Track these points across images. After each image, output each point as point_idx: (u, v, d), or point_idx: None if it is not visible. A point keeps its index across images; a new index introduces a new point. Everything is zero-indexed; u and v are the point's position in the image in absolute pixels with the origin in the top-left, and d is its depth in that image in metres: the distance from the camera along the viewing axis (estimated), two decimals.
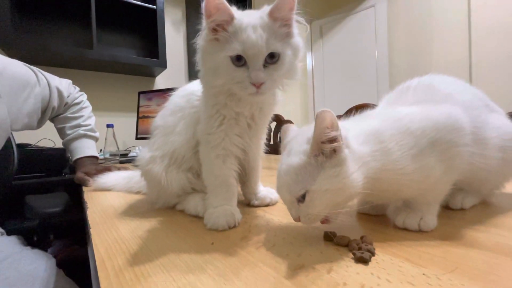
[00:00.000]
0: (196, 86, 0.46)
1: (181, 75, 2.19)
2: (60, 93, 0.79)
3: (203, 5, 0.32)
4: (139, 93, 1.74)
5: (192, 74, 2.17)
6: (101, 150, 1.38)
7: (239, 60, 0.32)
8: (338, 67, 2.89)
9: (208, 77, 0.36)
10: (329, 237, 0.30)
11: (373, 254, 0.26)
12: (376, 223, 0.35)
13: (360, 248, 0.27)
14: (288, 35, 0.35)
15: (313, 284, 0.22)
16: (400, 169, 0.29)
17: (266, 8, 0.33)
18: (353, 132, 0.30)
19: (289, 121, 1.64)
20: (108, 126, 1.31)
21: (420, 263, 0.24)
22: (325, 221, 0.29)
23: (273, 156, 1.47)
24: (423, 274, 0.22)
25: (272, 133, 1.78)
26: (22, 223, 0.87)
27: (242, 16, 0.33)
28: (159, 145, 0.44)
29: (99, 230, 0.38)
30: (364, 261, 0.25)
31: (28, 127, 0.71)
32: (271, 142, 1.78)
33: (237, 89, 0.34)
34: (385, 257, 0.26)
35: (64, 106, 0.83)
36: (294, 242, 0.30)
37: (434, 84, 0.37)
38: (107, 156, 1.31)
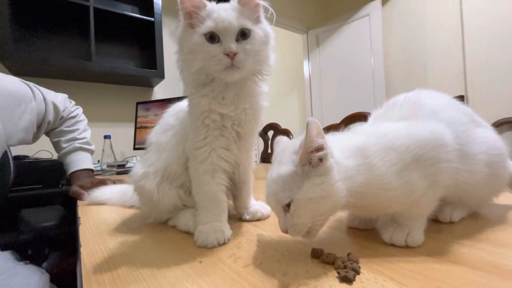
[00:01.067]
0: (184, 103, 0.47)
1: (179, 85, 2.21)
2: (55, 107, 0.79)
3: None
4: (137, 103, 1.75)
5: None
6: (98, 161, 1.39)
7: (212, 38, 0.35)
8: (335, 75, 2.92)
9: (187, 63, 0.38)
10: (316, 254, 0.30)
11: (357, 272, 0.26)
12: (365, 238, 0.35)
13: (345, 267, 0.27)
14: (258, 20, 0.38)
15: None
16: (384, 184, 0.29)
17: None
18: (340, 147, 0.31)
19: (286, 130, 1.65)
20: (106, 137, 1.32)
21: (403, 282, 0.24)
22: (307, 233, 0.30)
23: (270, 166, 1.47)
24: None
25: (269, 142, 1.78)
26: (17, 237, 0.87)
27: (213, 4, 0.38)
28: (152, 162, 0.44)
29: (89, 247, 0.38)
30: (348, 280, 0.25)
31: (23, 141, 0.71)
32: (269, 151, 1.79)
33: (212, 65, 0.36)
34: (370, 275, 0.26)
35: (60, 120, 0.84)
36: (282, 259, 0.31)
37: (420, 100, 0.37)
38: (104, 167, 1.31)
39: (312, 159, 0.28)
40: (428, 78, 2.37)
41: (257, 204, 0.48)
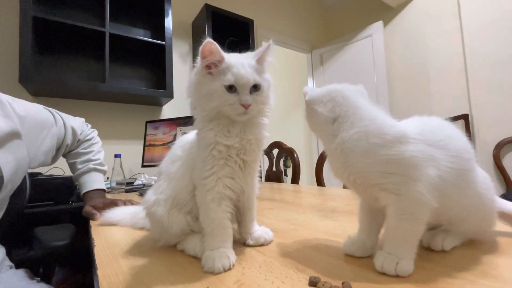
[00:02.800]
0: (190, 136, 0.52)
1: (187, 104, 2.29)
2: (74, 131, 0.85)
3: (200, 48, 0.42)
4: (147, 122, 1.82)
5: None
6: (108, 178, 1.44)
7: (231, 88, 0.42)
8: None
9: (203, 102, 0.44)
10: (313, 283, 0.33)
11: None
12: (360, 266, 0.38)
13: None
14: (263, 72, 0.45)
15: None
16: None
17: (250, 54, 0.45)
18: None
19: (290, 149, 1.68)
20: (116, 156, 1.37)
21: None
22: None
23: (276, 185, 1.49)
24: None
25: (274, 160, 1.81)
26: (29, 254, 0.90)
27: (230, 57, 0.44)
28: (163, 189, 0.48)
29: (105, 270, 0.41)
30: None
31: (43, 164, 0.77)
32: (274, 169, 1.82)
33: (228, 110, 0.42)
34: None
35: (77, 143, 0.90)
36: (281, 286, 0.33)
37: (442, 124, 0.39)
38: (114, 185, 1.36)
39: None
40: (432, 96, 2.40)
41: (260, 230, 0.51)
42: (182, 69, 2.28)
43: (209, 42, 0.41)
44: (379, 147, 0.34)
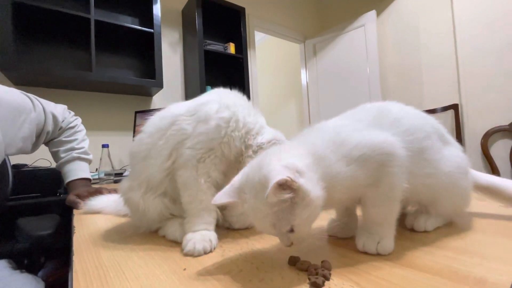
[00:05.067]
0: (181, 108, 0.47)
1: (178, 94, 2.25)
2: (55, 118, 0.82)
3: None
4: (136, 112, 1.78)
5: (188, 93, 2.23)
6: (96, 169, 1.41)
7: None
8: (332, 84, 2.97)
9: None
10: (293, 262, 0.32)
11: (327, 279, 0.28)
12: (341, 246, 0.37)
13: (317, 273, 0.29)
14: None
15: None
16: (336, 174, 0.32)
17: None
18: (300, 159, 0.32)
19: None
20: (104, 146, 1.34)
21: (367, 287, 0.26)
22: None
23: None
24: None
25: None
26: (13, 246, 0.88)
27: None
28: (136, 174, 0.46)
29: (82, 255, 0.40)
30: (317, 286, 0.27)
31: (22, 151, 0.74)
32: None
33: None
34: (338, 281, 0.28)
35: (59, 131, 0.87)
36: (261, 266, 0.33)
37: (388, 108, 0.39)
38: (102, 176, 1.33)
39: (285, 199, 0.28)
40: (423, 86, 2.41)
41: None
42: (172, 58, 2.23)
43: None
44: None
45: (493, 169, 1.96)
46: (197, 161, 0.42)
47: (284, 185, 0.28)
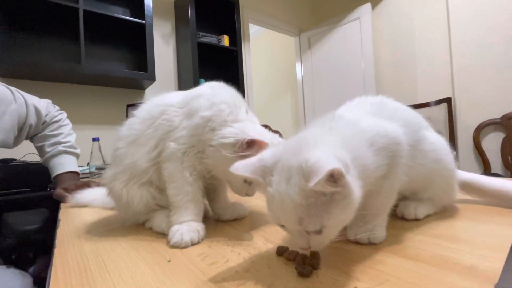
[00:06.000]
0: (174, 99, 0.46)
1: (171, 87, 2.22)
2: (37, 111, 0.79)
3: None
4: (128, 106, 1.75)
5: (181, 86, 2.20)
6: (88, 164, 1.38)
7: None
8: (326, 77, 2.96)
9: None
10: (281, 252, 0.31)
11: (315, 268, 0.27)
12: None
13: (304, 263, 0.28)
14: None
15: None
16: (367, 164, 0.29)
17: None
18: (341, 152, 0.28)
19: (277, 132, 1.66)
20: (94, 140, 1.31)
21: (356, 276, 0.25)
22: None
23: None
24: (355, 287, 0.24)
25: None
26: (1, 242, 0.86)
27: None
28: (120, 159, 0.45)
29: (64, 248, 0.39)
30: (304, 275, 0.26)
31: (3, 144, 0.71)
32: None
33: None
34: (327, 271, 0.27)
35: (43, 125, 0.84)
36: (248, 257, 0.32)
37: (384, 102, 0.40)
38: (93, 170, 1.31)
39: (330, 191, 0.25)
40: (417, 80, 2.41)
41: (234, 205, 0.49)
42: (164, 51, 2.19)
43: None
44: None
45: (484, 162, 1.98)
46: (182, 154, 0.41)
47: (332, 177, 0.24)
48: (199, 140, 0.41)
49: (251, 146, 0.38)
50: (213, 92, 0.44)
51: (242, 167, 0.29)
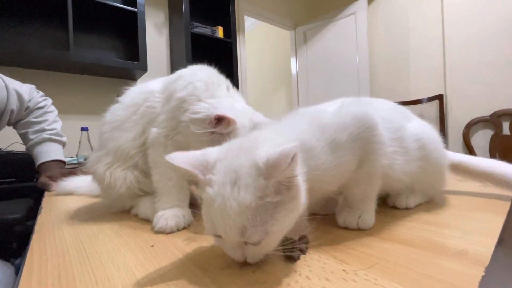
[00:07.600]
0: (157, 85, 0.45)
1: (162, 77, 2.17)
2: (19, 96, 0.76)
3: None
4: (118, 96, 1.70)
5: None
6: (76, 154, 1.34)
7: None
8: (321, 72, 2.95)
9: None
10: None
11: (303, 252, 0.26)
12: (323, 223, 0.36)
13: (293, 248, 0.27)
14: None
15: (232, 283, 0.22)
16: (321, 164, 0.28)
17: None
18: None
19: None
20: (83, 129, 1.27)
21: (344, 260, 0.25)
22: None
23: None
24: (343, 270, 0.23)
25: None
26: None
27: None
28: (104, 142, 0.44)
29: (43, 235, 0.37)
30: (291, 259, 0.25)
31: None
32: None
33: None
34: (315, 255, 0.26)
35: (26, 111, 0.80)
36: None
37: (370, 100, 0.39)
38: (81, 160, 1.27)
39: (285, 185, 0.23)
40: (410, 76, 2.42)
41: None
42: (157, 40, 2.14)
43: None
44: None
45: None
46: (164, 138, 0.40)
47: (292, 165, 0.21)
48: (179, 122, 0.40)
49: (220, 122, 0.37)
50: (192, 72, 0.43)
51: (181, 157, 0.25)
